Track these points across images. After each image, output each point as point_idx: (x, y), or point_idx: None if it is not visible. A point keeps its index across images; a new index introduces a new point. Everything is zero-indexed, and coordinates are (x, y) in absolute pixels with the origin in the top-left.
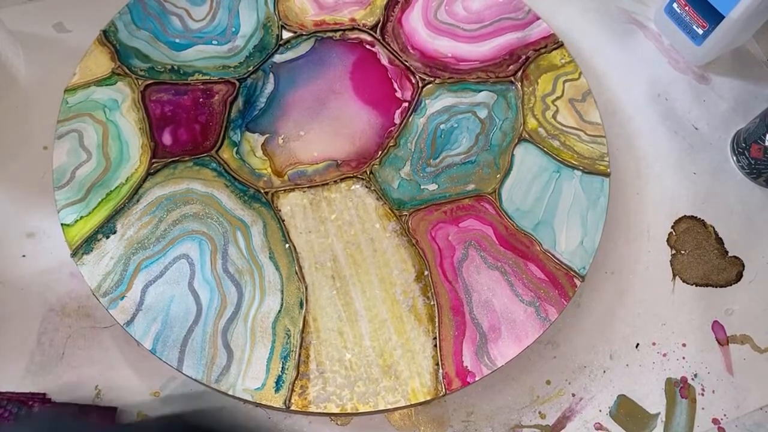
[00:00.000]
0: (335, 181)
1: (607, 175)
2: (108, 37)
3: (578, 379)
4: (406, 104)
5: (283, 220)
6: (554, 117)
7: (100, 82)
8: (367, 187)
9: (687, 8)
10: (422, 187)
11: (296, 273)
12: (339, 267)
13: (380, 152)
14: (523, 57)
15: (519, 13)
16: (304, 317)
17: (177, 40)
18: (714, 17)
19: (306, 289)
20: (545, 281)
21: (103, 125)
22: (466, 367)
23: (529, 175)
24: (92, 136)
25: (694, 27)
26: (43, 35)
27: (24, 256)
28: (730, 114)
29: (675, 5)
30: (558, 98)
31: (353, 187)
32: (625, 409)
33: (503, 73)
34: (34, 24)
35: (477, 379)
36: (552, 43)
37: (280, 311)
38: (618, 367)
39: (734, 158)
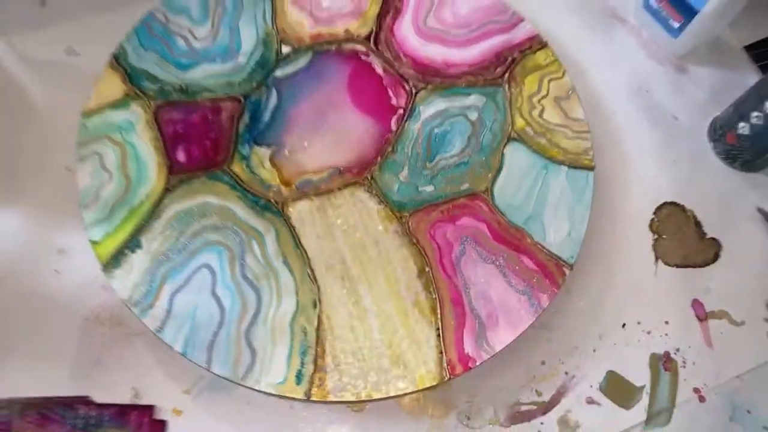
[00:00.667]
0: (339, 188)
1: (591, 168)
2: (119, 61)
3: (570, 358)
4: (402, 111)
5: (294, 227)
6: (540, 115)
7: (114, 105)
8: (369, 191)
9: (663, 3)
10: (420, 189)
11: (308, 275)
12: (347, 268)
13: (379, 158)
14: (510, 59)
15: (504, 15)
16: (318, 316)
17: (183, 60)
18: (688, 12)
19: (318, 290)
20: (537, 271)
21: (120, 146)
22: (468, 353)
23: (518, 173)
24: (111, 158)
25: (671, 21)
26: (54, 60)
27: (57, 271)
28: (707, 102)
29: (652, 1)
30: (544, 97)
31: (356, 193)
32: (614, 384)
33: (491, 75)
34: (44, 49)
35: (478, 364)
36: (536, 43)
37: (296, 312)
38: (606, 346)
39: (712, 145)
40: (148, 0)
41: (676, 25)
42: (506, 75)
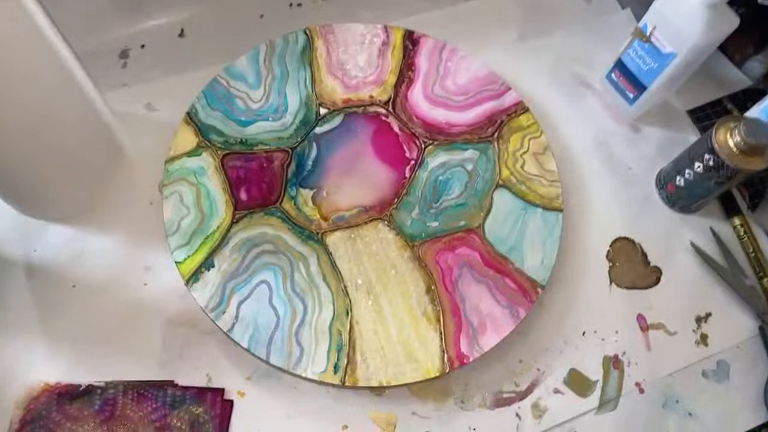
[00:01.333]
0: (365, 222)
1: (560, 210)
2: (191, 117)
3: (542, 358)
4: (413, 162)
5: (331, 253)
6: (522, 167)
7: (189, 154)
8: (388, 225)
9: (620, 78)
10: (428, 224)
11: (342, 290)
12: (372, 285)
13: (396, 199)
14: (499, 121)
15: (495, 85)
16: (350, 322)
17: (242, 118)
18: (640, 86)
19: (350, 302)
20: (517, 290)
21: (195, 187)
22: (463, 352)
23: (504, 213)
24: (189, 196)
25: (627, 92)
26: (137, 114)
27: (145, 284)
28: (655, 156)
29: (612, 75)
30: (525, 152)
31: (378, 226)
32: (574, 378)
33: (484, 134)
34: (128, 105)
35: (471, 360)
36: (521, 108)
37: (333, 318)
38: (570, 349)
39: (657, 191)
40: (212, 66)
41: (631, 95)
42: (496, 134)
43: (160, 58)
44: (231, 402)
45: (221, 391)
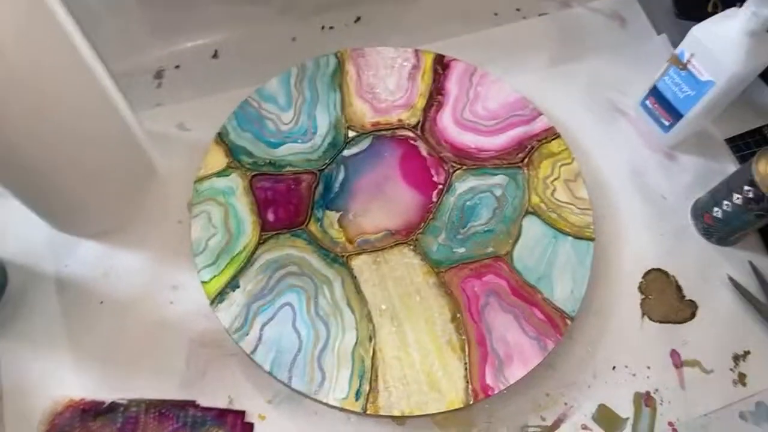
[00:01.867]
0: (391, 246)
1: (592, 239)
2: (222, 138)
3: (569, 392)
4: (441, 186)
5: (356, 277)
6: (552, 194)
7: (219, 174)
8: (413, 250)
9: (656, 106)
10: (454, 250)
11: (366, 315)
12: (396, 311)
13: (423, 224)
14: (529, 147)
15: (526, 110)
16: (373, 348)
17: (272, 140)
18: (676, 114)
19: (373, 327)
20: (545, 321)
21: (224, 207)
22: (488, 384)
23: (533, 241)
24: (217, 216)
25: (662, 120)
26: (169, 133)
27: (171, 302)
28: (691, 186)
29: (647, 102)
30: (555, 179)
31: (404, 251)
32: (604, 415)
33: (514, 160)
34: (161, 124)
35: (496, 392)
36: (551, 134)
37: (356, 343)
38: (599, 384)
39: (693, 222)
40: (244, 87)
41: (667, 123)
42: (526, 160)
43: (194, 78)
44: (251, 425)
45: (242, 413)
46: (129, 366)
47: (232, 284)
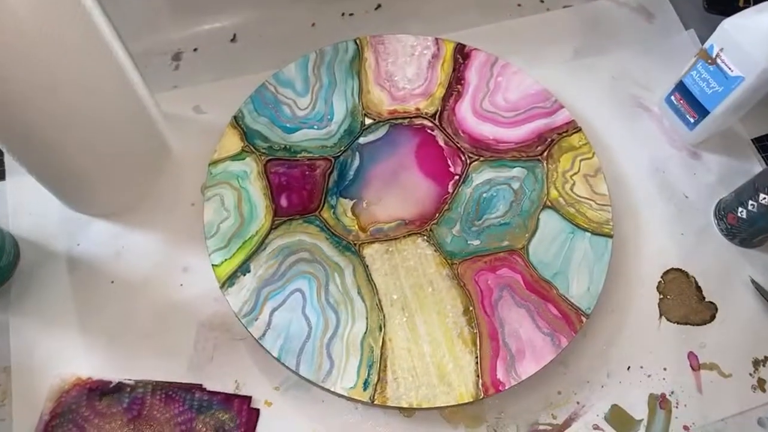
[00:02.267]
0: (404, 236)
1: (610, 236)
2: (237, 122)
3: (582, 390)
4: (457, 177)
5: (367, 265)
6: (571, 189)
7: (233, 158)
8: (427, 241)
9: (681, 101)
10: (469, 242)
11: (377, 305)
12: (407, 301)
13: (437, 215)
14: (549, 139)
15: (547, 102)
16: (383, 338)
17: (288, 125)
18: (702, 111)
19: (384, 317)
20: (559, 317)
21: (237, 191)
22: (499, 378)
23: (550, 235)
24: (230, 199)
25: (687, 116)
26: (185, 116)
27: (181, 285)
28: (715, 185)
29: (672, 98)
30: (575, 174)
31: (417, 241)
32: (617, 415)
33: (533, 152)
34: (177, 106)
35: (506, 388)
36: (572, 128)
37: (365, 333)
38: (613, 383)
39: (715, 222)
40: (262, 72)
41: (692, 120)
42: (545, 153)
43: (212, 62)
44: (257, 411)
45: (248, 399)
46: (137, 347)
47: (243, 268)
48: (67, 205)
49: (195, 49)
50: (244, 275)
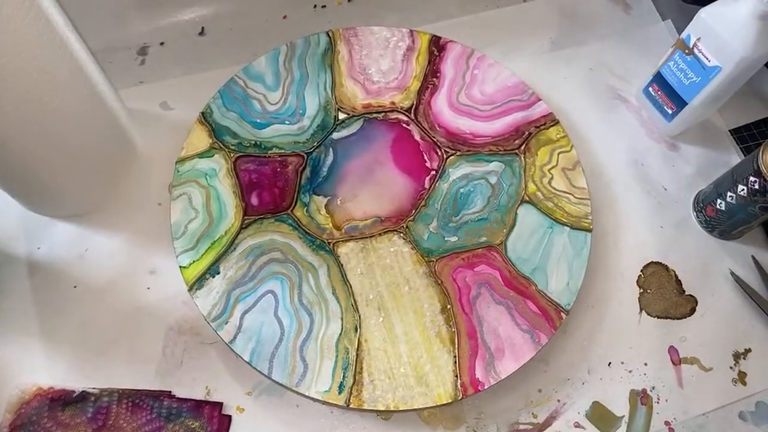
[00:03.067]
0: (380, 234)
1: (589, 230)
2: (206, 118)
3: (562, 388)
4: (434, 172)
5: (342, 264)
6: (549, 183)
7: (201, 155)
8: (403, 238)
9: (659, 93)
10: (446, 238)
11: (352, 305)
12: (383, 301)
13: (414, 211)
14: (526, 133)
15: (524, 95)
16: (358, 339)
17: (258, 120)
18: (680, 102)
19: (359, 317)
20: (539, 314)
21: (206, 189)
22: (478, 378)
23: (528, 230)
24: (198, 198)
25: (665, 107)
26: (151, 112)
27: (149, 288)
28: (693, 177)
29: (650, 89)
30: (553, 167)
31: (393, 239)
32: (598, 412)
33: (510, 146)
34: (143, 103)
35: (486, 388)
36: (550, 120)
37: (340, 334)
38: (593, 380)
39: (694, 215)
40: (231, 66)
41: (670, 111)
42: (523, 147)
43: (179, 56)
44: (229, 417)
45: (220, 405)
46: (102, 353)
47: (212, 270)
48: (26, 206)
49: (161, 43)
50: (213, 277)
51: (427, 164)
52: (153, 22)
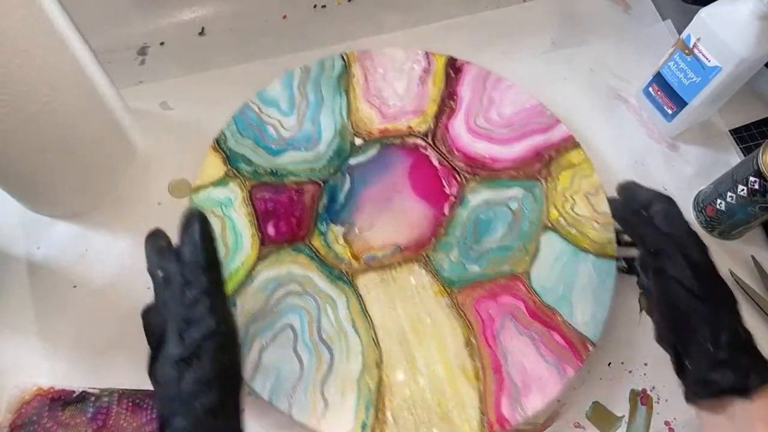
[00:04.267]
0: (399, 263)
1: (614, 258)
2: (220, 144)
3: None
4: (453, 198)
5: (361, 296)
6: (572, 208)
7: (216, 183)
8: (424, 268)
9: (659, 93)
10: (468, 268)
11: (373, 339)
12: (405, 334)
13: (433, 239)
14: (547, 157)
15: (543, 118)
16: (380, 375)
17: (273, 147)
18: (680, 102)
19: (380, 352)
20: (565, 346)
21: (221, 219)
22: (504, 415)
23: (552, 258)
24: (214, 228)
25: (665, 108)
26: (151, 112)
27: (149, 288)
28: (694, 177)
29: (650, 89)
30: (575, 192)
31: (414, 268)
32: (598, 413)
33: (531, 171)
34: (143, 103)
35: (513, 425)
36: (571, 144)
37: (362, 370)
38: (593, 380)
39: (694, 214)
40: (231, 66)
41: (670, 111)
42: (543, 171)
43: (179, 56)
44: None
45: None
46: (102, 353)
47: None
48: (26, 206)
49: (161, 43)
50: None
51: (446, 190)
52: (153, 22)
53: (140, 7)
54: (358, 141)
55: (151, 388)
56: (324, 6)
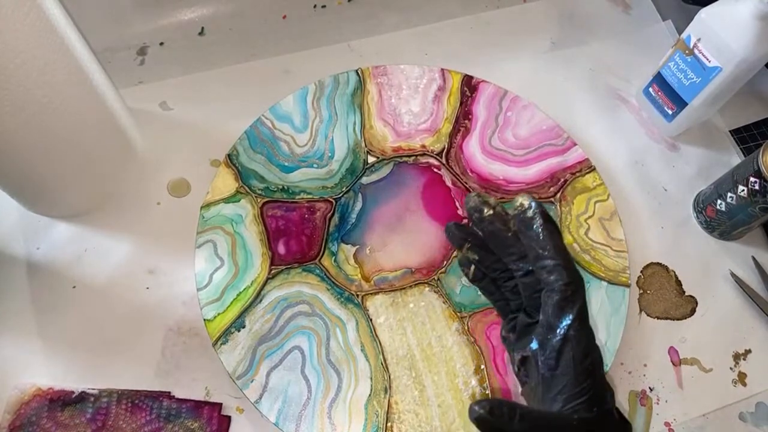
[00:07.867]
0: (410, 286)
1: (627, 285)
2: (232, 160)
3: None
4: (466, 220)
5: (371, 319)
6: (586, 234)
7: (227, 200)
8: (435, 291)
9: (659, 93)
10: (479, 293)
11: (381, 364)
12: (414, 359)
13: (445, 262)
14: (562, 180)
15: (559, 140)
16: (388, 400)
17: (286, 164)
18: (680, 102)
19: (389, 377)
20: None
21: (231, 236)
22: None
23: None
24: (224, 246)
25: (665, 108)
26: (151, 112)
27: (148, 288)
28: (694, 178)
29: (650, 90)
30: (590, 217)
31: (424, 291)
32: None
33: (545, 194)
34: (143, 103)
35: None
36: (586, 167)
37: (370, 395)
38: None
39: (694, 215)
40: (230, 66)
41: (670, 112)
42: (558, 194)
43: (179, 56)
44: (228, 418)
45: (219, 405)
46: (101, 354)
47: (237, 323)
48: (25, 206)
49: (161, 43)
50: (239, 331)
51: (459, 212)
52: (153, 22)
53: (140, 7)
54: (371, 159)
55: (151, 388)
56: (324, 6)
